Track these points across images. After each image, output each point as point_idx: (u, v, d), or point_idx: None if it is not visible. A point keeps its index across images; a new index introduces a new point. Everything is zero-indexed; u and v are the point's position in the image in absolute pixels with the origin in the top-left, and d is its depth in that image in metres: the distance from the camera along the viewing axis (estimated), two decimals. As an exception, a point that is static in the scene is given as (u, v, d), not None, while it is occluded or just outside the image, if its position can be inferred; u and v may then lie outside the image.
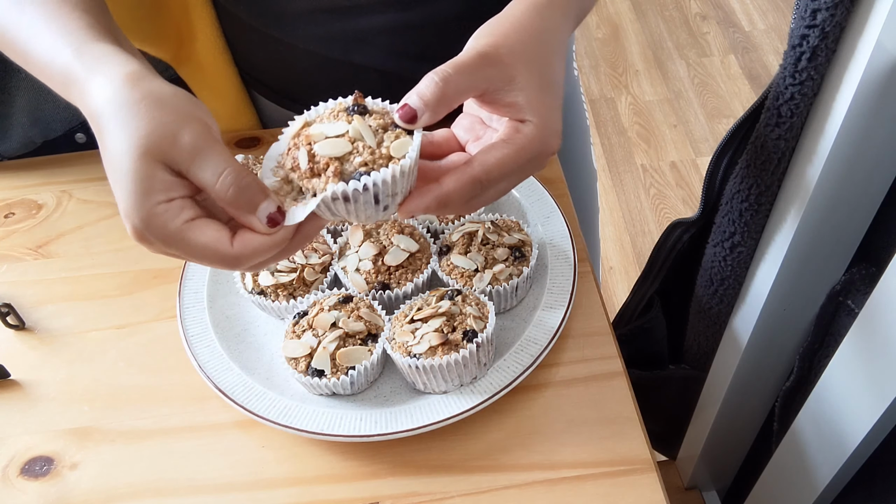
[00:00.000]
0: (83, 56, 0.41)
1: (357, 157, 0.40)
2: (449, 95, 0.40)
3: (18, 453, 0.55)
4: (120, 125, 0.38)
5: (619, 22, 2.44)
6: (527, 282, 0.59)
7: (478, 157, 0.41)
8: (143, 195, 0.37)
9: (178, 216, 0.38)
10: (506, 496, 0.51)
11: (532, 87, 0.42)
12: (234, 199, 0.38)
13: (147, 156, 0.37)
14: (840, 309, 0.67)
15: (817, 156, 0.56)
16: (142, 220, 0.38)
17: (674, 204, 1.89)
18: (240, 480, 0.53)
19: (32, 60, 0.44)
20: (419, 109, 0.40)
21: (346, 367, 0.52)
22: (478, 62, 0.41)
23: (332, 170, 0.40)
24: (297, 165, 0.40)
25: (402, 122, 0.41)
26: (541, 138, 0.42)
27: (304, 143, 0.41)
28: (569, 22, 0.47)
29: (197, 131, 0.38)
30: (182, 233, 0.38)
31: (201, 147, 0.38)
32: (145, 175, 0.37)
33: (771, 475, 0.81)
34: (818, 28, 0.50)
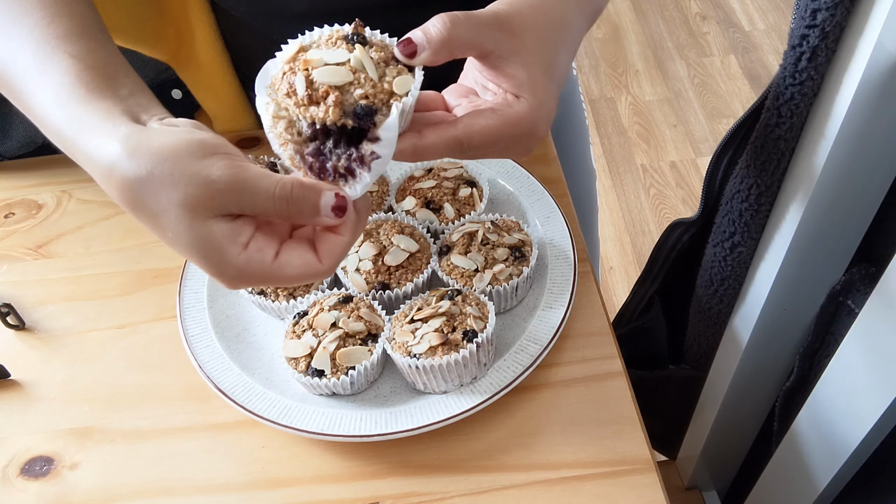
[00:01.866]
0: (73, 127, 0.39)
1: (358, 88, 0.38)
2: (453, 39, 0.39)
3: (18, 453, 0.55)
4: (151, 203, 0.37)
5: (619, 22, 2.44)
6: (527, 282, 0.59)
7: (464, 119, 0.41)
8: (219, 256, 0.37)
9: (262, 259, 0.38)
10: (506, 496, 0.51)
11: (535, 67, 0.41)
12: (293, 214, 0.38)
13: (198, 218, 0.36)
14: (840, 309, 0.67)
15: (817, 156, 0.56)
16: (233, 279, 0.38)
17: (674, 204, 1.89)
18: (240, 480, 0.53)
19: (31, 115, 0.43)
20: (420, 45, 0.39)
21: (346, 367, 0.52)
22: (490, 21, 0.40)
23: (332, 99, 0.38)
24: (294, 91, 0.38)
25: (401, 56, 0.39)
26: (531, 119, 0.41)
27: (302, 69, 0.38)
28: (583, 19, 0.46)
29: (224, 168, 0.37)
30: (274, 273, 0.38)
31: (238, 182, 0.37)
32: (208, 236, 0.37)
33: (771, 475, 0.81)
34: (818, 28, 0.50)
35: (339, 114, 0.38)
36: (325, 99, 0.38)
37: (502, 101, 0.42)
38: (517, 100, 0.41)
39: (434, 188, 0.64)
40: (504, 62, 0.41)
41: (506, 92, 0.42)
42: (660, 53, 2.31)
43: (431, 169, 0.65)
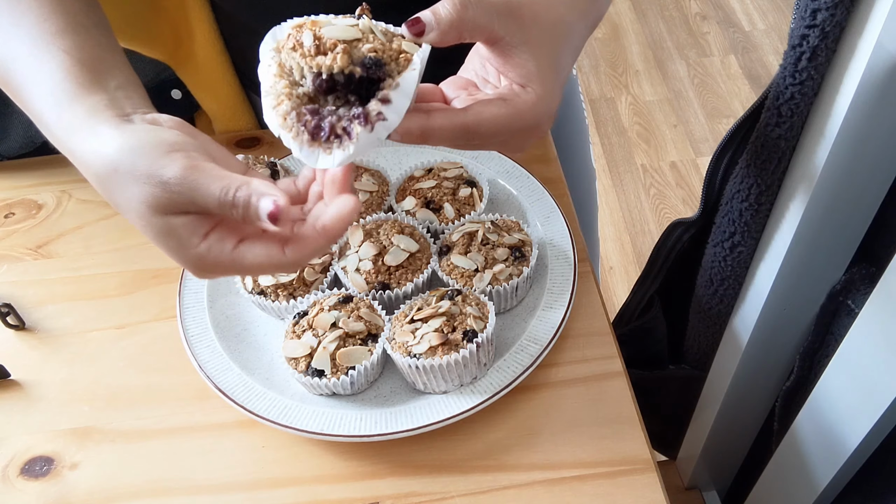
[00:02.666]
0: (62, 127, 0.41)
1: (366, 44, 0.38)
2: (463, 21, 0.39)
3: (18, 453, 0.55)
4: (121, 197, 0.39)
5: (619, 22, 2.44)
6: (527, 282, 0.59)
7: (474, 107, 0.40)
8: (179, 246, 0.39)
9: (222, 249, 0.39)
10: (506, 496, 0.51)
11: (544, 59, 0.41)
12: (242, 217, 0.38)
13: (158, 213, 0.38)
14: (840, 309, 0.67)
15: (817, 156, 0.56)
16: (195, 266, 0.39)
17: (674, 204, 1.89)
18: (240, 480, 0.53)
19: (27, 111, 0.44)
20: (429, 25, 0.39)
21: (346, 367, 0.52)
22: (501, 7, 0.40)
23: (340, 48, 0.37)
24: (301, 43, 0.38)
25: (408, 33, 0.39)
26: (538, 110, 0.41)
27: (310, 27, 0.38)
28: (585, 27, 0.46)
29: (178, 170, 0.38)
30: (235, 261, 0.39)
31: (189, 183, 0.38)
32: (168, 229, 0.39)
33: (771, 475, 0.81)
34: (818, 28, 0.50)
35: (348, 60, 0.37)
36: (333, 49, 0.37)
37: (510, 90, 0.41)
38: (524, 90, 0.41)
39: (434, 188, 0.64)
40: (514, 50, 0.41)
41: (512, 82, 0.42)
42: (660, 53, 2.31)
43: (431, 169, 0.65)
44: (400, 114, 0.38)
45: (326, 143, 0.38)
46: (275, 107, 0.39)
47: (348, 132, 0.38)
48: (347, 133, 0.38)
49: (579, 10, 0.45)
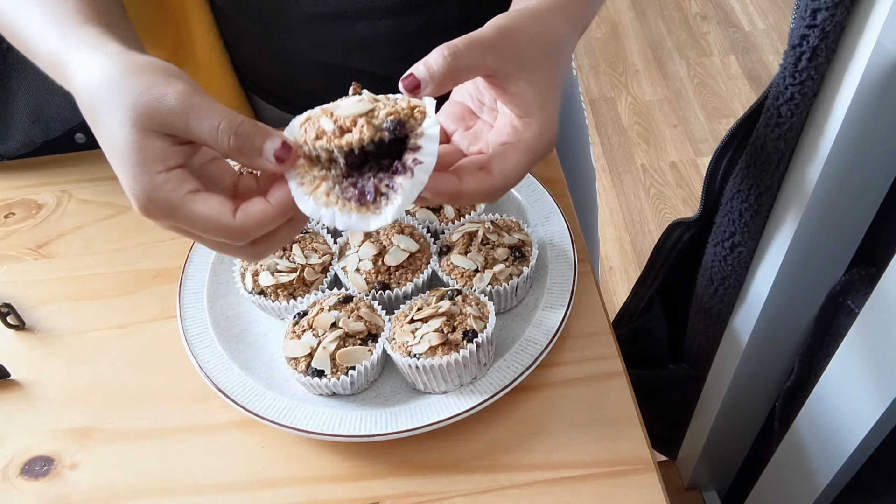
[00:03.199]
0: (67, 40, 0.42)
1: (381, 110, 0.39)
2: (457, 70, 0.39)
3: (18, 453, 0.55)
4: (106, 103, 0.38)
5: (618, 21, 2.44)
6: (527, 282, 0.59)
7: (496, 166, 0.41)
8: (141, 167, 0.37)
9: (179, 187, 0.38)
10: (506, 496, 0.51)
11: (540, 81, 0.41)
12: (236, 147, 0.38)
13: (138, 126, 0.37)
14: (840, 309, 0.67)
15: (817, 156, 0.56)
16: (144, 193, 0.38)
17: (674, 204, 1.89)
18: (240, 480, 0.53)
19: (27, 46, 0.45)
20: (423, 80, 0.39)
21: (346, 367, 0.52)
22: (495, 39, 0.40)
23: (362, 121, 0.38)
24: (323, 130, 0.39)
25: (404, 90, 0.40)
26: (544, 139, 0.42)
27: (321, 114, 0.39)
28: (575, 34, 0.46)
29: (181, 90, 0.38)
30: (185, 203, 0.38)
31: (189, 104, 0.37)
32: (140, 146, 0.37)
33: (771, 475, 0.81)
34: (818, 28, 0.50)
35: (374, 130, 0.39)
36: (355, 125, 0.39)
37: (514, 130, 0.42)
38: (526, 123, 0.42)
39: (434, 188, 0.63)
40: (510, 80, 0.41)
41: (511, 114, 0.42)
42: (660, 53, 2.31)
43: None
44: (433, 154, 0.39)
45: (374, 205, 0.40)
46: (311, 192, 0.40)
47: (392, 186, 0.40)
48: (391, 188, 0.40)
49: (571, 19, 0.45)
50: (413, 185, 0.39)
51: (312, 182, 0.40)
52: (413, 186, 0.39)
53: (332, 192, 0.40)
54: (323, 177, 0.40)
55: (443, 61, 0.39)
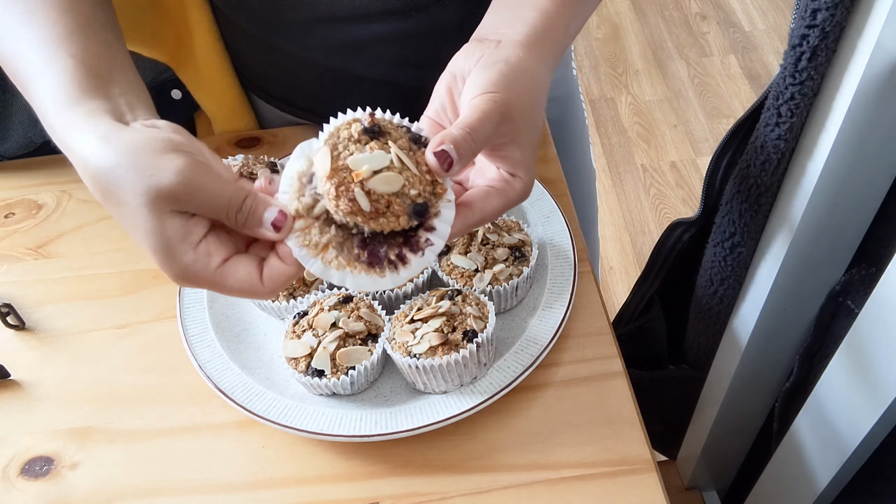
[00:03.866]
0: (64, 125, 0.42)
1: (411, 189, 0.40)
2: (476, 149, 0.41)
3: (18, 453, 0.55)
4: (118, 191, 0.39)
5: (619, 22, 2.44)
6: (527, 282, 0.59)
7: (478, 206, 0.44)
8: (167, 251, 0.39)
9: (208, 264, 0.40)
10: (506, 496, 0.51)
11: (527, 146, 0.45)
12: (241, 224, 0.40)
13: (154, 210, 0.38)
14: (840, 309, 0.67)
15: (817, 156, 0.56)
16: (177, 275, 0.40)
17: (674, 204, 1.89)
18: (240, 480, 0.53)
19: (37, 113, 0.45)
20: (455, 159, 0.41)
21: (346, 367, 0.53)
22: (498, 119, 0.42)
23: (397, 208, 0.40)
24: (358, 209, 0.39)
25: (437, 167, 0.41)
26: (525, 192, 0.46)
27: (355, 181, 0.39)
28: (552, 67, 0.48)
29: (180, 165, 0.38)
30: (217, 279, 0.40)
31: (190, 180, 0.38)
32: (161, 230, 0.39)
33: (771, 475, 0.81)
34: (818, 28, 0.50)
35: (407, 221, 0.40)
36: (389, 208, 0.40)
37: (501, 180, 0.45)
38: (514, 179, 0.45)
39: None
40: (502, 148, 0.44)
41: (500, 169, 0.45)
42: (660, 53, 2.31)
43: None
44: (444, 237, 0.42)
45: (381, 268, 0.41)
46: (318, 254, 0.41)
47: (402, 258, 0.41)
48: (402, 259, 0.41)
49: (550, 63, 0.47)
50: (420, 263, 0.42)
51: (317, 245, 0.41)
52: (420, 264, 0.42)
53: (340, 253, 0.41)
54: (329, 240, 0.41)
55: (467, 139, 0.41)
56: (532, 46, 0.46)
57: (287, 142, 0.76)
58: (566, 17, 0.48)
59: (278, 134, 0.77)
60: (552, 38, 0.47)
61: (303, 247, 0.41)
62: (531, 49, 0.45)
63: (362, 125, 0.41)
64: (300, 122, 0.77)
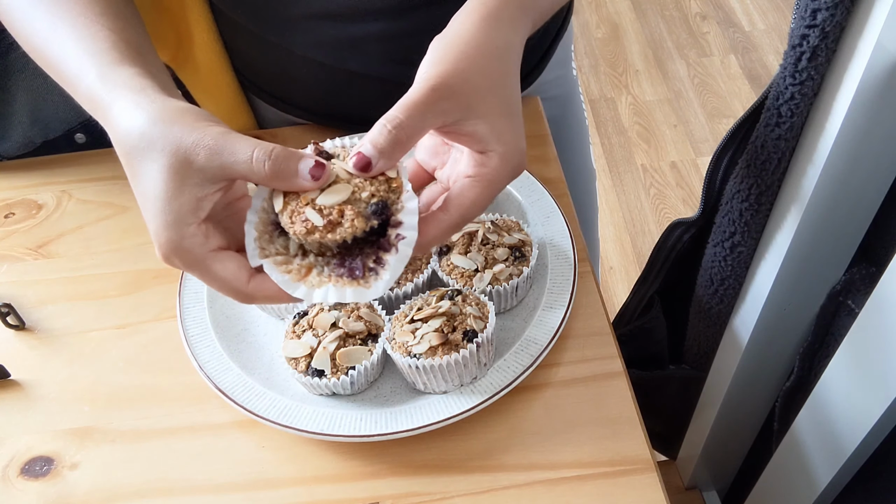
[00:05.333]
0: (106, 80, 0.43)
1: (362, 192, 0.40)
2: (403, 140, 0.39)
3: (18, 453, 0.55)
4: (146, 149, 0.39)
5: (619, 22, 2.44)
6: (527, 282, 0.59)
7: (453, 202, 0.41)
8: (173, 216, 0.39)
9: (205, 243, 0.40)
10: (506, 496, 0.51)
11: (493, 113, 0.41)
12: (272, 171, 0.38)
13: (177, 174, 0.38)
14: (840, 309, 0.67)
15: (817, 156, 0.56)
16: (171, 242, 0.39)
17: (674, 204, 1.89)
18: (240, 480, 0.53)
19: (62, 76, 0.46)
20: (373, 157, 0.39)
21: (346, 367, 0.53)
22: (430, 97, 0.40)
23: (350, 213, 0.39)
24: (314, 226, 0.39)
25: (356, 170, 0.40)
26: (508, 165, 0.42)
27: (304, 204, 0.40)
28: (520, 34, 0.45)
29: (213, 131, 0.39)
30: (206, 260, 0.40)
31: (224, 143, 0.38)
32: (175, 195, 0.38)
33: (771, 475, 0.81)
34: (818, 28, 0.50)
35: (364, 223, 0.40)
36: (343, 216, 0.39)
37: (475, 163, 0.42)
38: (487, 156, 0.41)
39: (434, 188, 0.64)
40: (460, 125, 0.41)
41: (473, 152, 0.42)
42: (660, 53, 2.31)
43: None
44: (414, 228, 0.41)
45: (364, 279, 0.41)
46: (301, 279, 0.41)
47: (379, 261, 0.41)
48: (379, 263, 0.41)
49: (507, 22, 0.44)
50: (399, 260, 0.41)
51: (299, 270, 0.41)
52: (399, 260, 0.41)
53: (321, 273, 0.41)
54: (308, 264, 0.41)
55: (387, 135, 0.39)
56: (483, 13, 0.43)
57: (286, 142, 0.76)
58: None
59: (278, 134, 0.77)
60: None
61: (285, 274, 0.41)
62: (483, 16, 0.43)
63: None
64: (299, 121, 0.77)
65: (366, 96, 0.70)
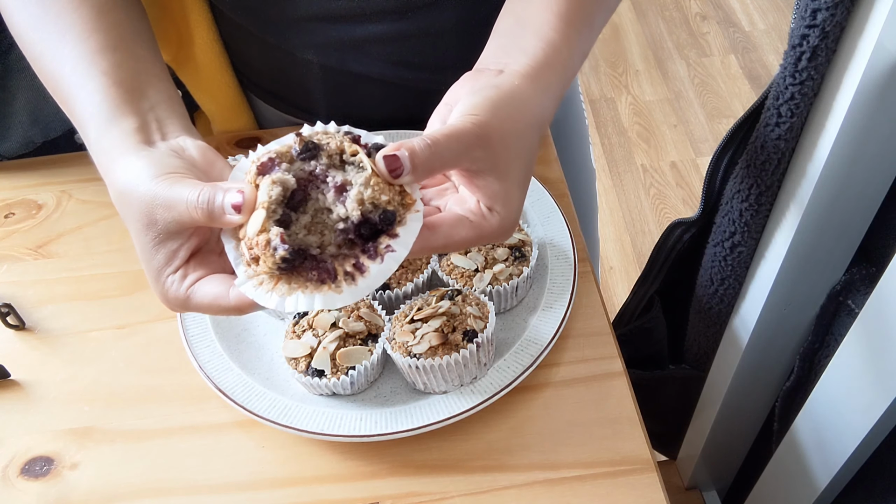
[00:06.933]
0: (97, 149, 0.45)
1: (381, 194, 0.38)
2: (436, 166, 0.38)
3: (18, 453, 0.55)
4: (126, 217, 0.42)
5: (619, 22, 2.44)
6: (527, 282, 0.59)
7: (444, 231, 0.41)
8: (153, 274, 0.42)
9: (182, 284, 0.41)
10: (506, 496, 0.51)
11: (509, 180, 0.41)
12: (206, 216, 0.39)
13: (145, 234, 0.41)
14: (840, 309, 0.67)
15: (817, 156, 0.56)
16: (159, 294, 0.42)
17: (674, 204, 1.89)
18: (240, 480, 0.53)
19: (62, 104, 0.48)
20: (406, 168, 0.38)
21: (346, 367, 0.52)
22: (472, 141, 0.39)
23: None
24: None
25: (384, 170, 0.38)
26: (501, 229, 0.42)
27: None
28: (553, 98, 0.45)
29: (165, 185, 0.40)
30: (189, 299, 0.41)
31: (172, 195, 0.40)
32: (150, 255, 0.41)
33: (771, 475, 0.81)
34: (818, 28, 0.50)
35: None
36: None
37: (478, 212, 0.42)
38: (491, 213, 0.42)
39: (434, 188, 0.63)
40: (478, 175, 0.41)
41: (479, 201, 0.42)
42: (660, 53, 2.31)
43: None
44: (407, 247, 0.39)
45: (335, 283, 0.38)
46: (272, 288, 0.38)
47: (360, 268, 0.38)
48: (359, 269, 0.38)
49: (553, 94, 0.45)
50: (381, 272, 0.38)
51: (271, 279, 0.38)
52: (381, 272, 0.38)
53: (291, 279, 0.38)
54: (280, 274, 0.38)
55: (428, 153, 0.38)
56: (532, 77, 0.43)
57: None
58: (570, 45, 0.46)
59: (277, 134, 0.77)
60: (555, 68, 0.45)
61: (257, 287, 0.39)
62: (531, 79, 0.43)
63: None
64: (299, 121, 0.77)
65: (367, 98, 0.70)
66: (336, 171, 0.39)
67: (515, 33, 0.46)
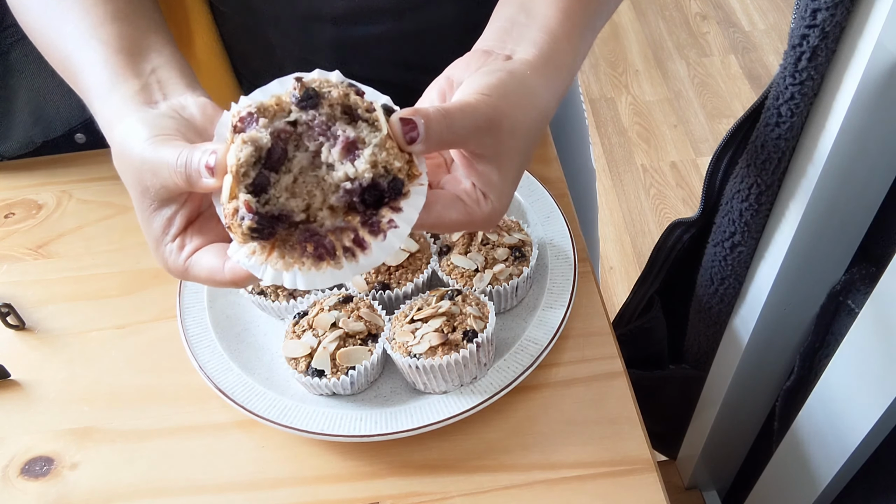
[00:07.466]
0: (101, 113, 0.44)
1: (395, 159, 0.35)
2: (447, 139, 0.37)
3: (18, 453, 0.55)
4: (125, 178, 0.42)
5: (619, 22, 2.44)
6: (527, 282, 0.59)
7: (436, 210, 0.40)
8: (152, 243, 0.42)
9: (180, 255, 0.41)
10: (506, 496, 0.51)
11: (508, 170, 0.41)
12: (185, 180, 0.38)
13: (141, 201, 0.41)
14: (840, 309, 0.67)
15: (817, 156, 0.56)
16: (160, 262, 0.42)
17: (674, 204, 1.89)
18: (240, 480, 0.53)
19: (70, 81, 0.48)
20: (421, 135, 0.36)
21: (346, 367, 0.53)
22: (483, 123, 0.39)
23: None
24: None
25: (401, 136, 0.36)
26: (490, 220, 0.42)
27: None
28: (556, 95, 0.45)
29: (151, 148, 0.39)
30: (186, 270, 0.41)
31: (156, 159, 0.39)
32: (147, 223, 0.41)
33: (771, 475, 0.81)
34: (818, 28, 0.50)
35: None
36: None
37: (473, 197, 0.41)
38: (485, 200, 0.41)
39: (434, 188, 0.63)
40: (481, 161, 0.40)
41: (474, 185, 0.41)
42: (660, 53, 2.31)
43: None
44: (410, 223, 0.37)
45: (335, 260, 0.36)
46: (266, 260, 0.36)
47: (361, 244, 0.36)
48: (360, 245, 0.36)
49: (556, 91, 0.44)
50: (382, 249, 0.36)
51: (264, 248, 0.36)
52: (382, 250, 0.36)
53: (286, 252, 0.36)
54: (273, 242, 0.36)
55: (443, 124, 0.37)
56: (541, 70, 0.43)
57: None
58: (574, 41, 0.45)
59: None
60: (560, 65, 0.44)
61: (249, 257, 0.36)
62: (539, 72, 0.43)
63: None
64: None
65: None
66: (341, 125, 0.36)
67: (520, 21, 0.45)
